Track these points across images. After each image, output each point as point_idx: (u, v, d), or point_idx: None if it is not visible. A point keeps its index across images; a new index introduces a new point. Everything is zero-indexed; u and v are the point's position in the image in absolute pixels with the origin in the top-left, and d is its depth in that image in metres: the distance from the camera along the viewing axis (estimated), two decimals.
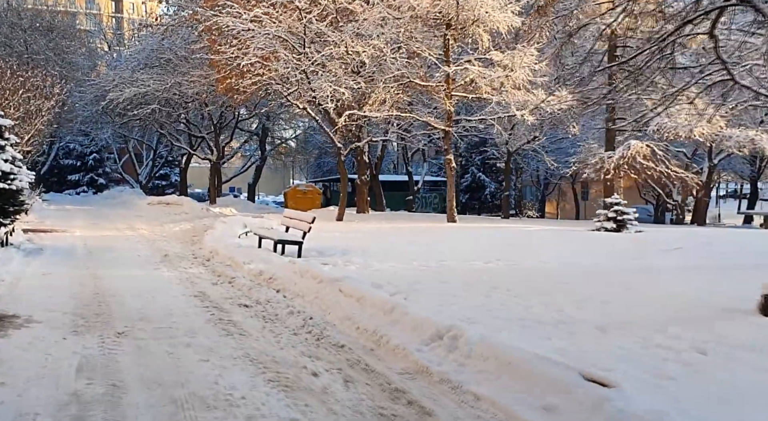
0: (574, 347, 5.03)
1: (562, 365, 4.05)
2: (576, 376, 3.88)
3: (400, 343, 5.36)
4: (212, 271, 10.41)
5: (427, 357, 4.91)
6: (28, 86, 21.10)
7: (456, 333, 4.99)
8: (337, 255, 11.36)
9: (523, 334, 5.43)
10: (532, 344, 4.94)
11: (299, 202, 32.20)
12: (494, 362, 4.33)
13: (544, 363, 4.07)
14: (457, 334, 4.98)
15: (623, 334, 5.49)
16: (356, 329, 6.19)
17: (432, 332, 5.29)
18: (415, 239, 13.62)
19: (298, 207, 31.51)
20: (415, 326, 5.63)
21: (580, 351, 4.84)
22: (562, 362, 4.15)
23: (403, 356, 5.14)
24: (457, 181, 40.48)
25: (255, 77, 18.75)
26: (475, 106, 20.50)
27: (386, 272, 9.36)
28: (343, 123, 17.27)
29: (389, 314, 6.11)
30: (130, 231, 17.33)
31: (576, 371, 3.94)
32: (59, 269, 10.14)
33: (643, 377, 4.21)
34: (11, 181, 12.23)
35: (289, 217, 12.46)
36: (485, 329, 5.37)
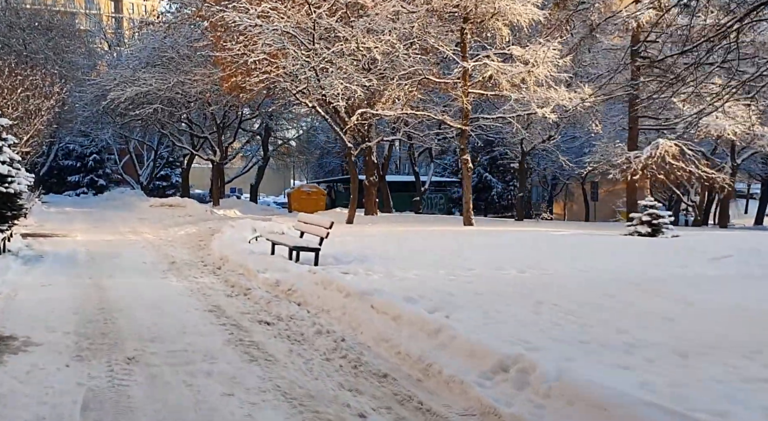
0: (660, 379, 4.33)
1: (670, 413, 3.35)
2: None
3: (454, 374, 4.66)
4: (224, 280, 9.71)
5: (492, 395, 4.21)
6: (27, 85, 20.39)
7: (525, 366, 4.29)
8: (355, 262, 10.65)
9: (596, 362, 4.73)
10: (612, 377, 4.24)
11: (303, 203, 31.47)
12: (583, 406, 3.63)
13: (650, 411, 3.37)
14: (526, 367, 4.27)
15: (709, 361, 4.79)
16: (396, 354, 5.49)
17: (493, 362, 4.59)
18: (435, 244, 12.91)
19: (302, 209, 30.77)
20: (468, 353, 4.93)
21: (671, 385, 4.14)
22: (668, 406, 3.45)
23: (460, 391, 4.44)
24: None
25: (262, 75, 18.04)
26: (490, 104, 19.79)
27: (412, 282, 8.66)
28: (355, 122, 16.55)
29: (434, 336, 5.41)
30: (134, 235, 16.63)
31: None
32: (60, 279, 9.44)
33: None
34: (9, 184, 11.54)
35: (304, 222, 11.75)
36: (551, 356, 4.68)
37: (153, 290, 8.82)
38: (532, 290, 7.79)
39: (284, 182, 78.39)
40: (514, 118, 17.30)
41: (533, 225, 19.55)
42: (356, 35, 17.30)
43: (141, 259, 11.98)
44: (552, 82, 15.95)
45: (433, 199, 41.39)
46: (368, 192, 23.28)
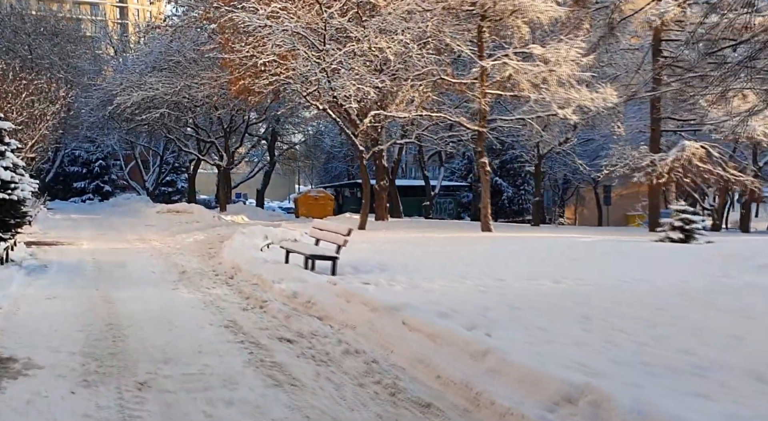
0: (748, 411, 3.77)
1: None
2: None
3: (510, 406, 4.11)
4: (238, 291, 9.18)
5: None
6: (32, 89, 19.97)
7: (596, 398, 3.73)
8: (375, 272, 10.11)
9: (668, 389, 4.17)
10: (695, 409, 3.69)
11: (311, 208, 30.97)
12: None
13: None
14: (597, 399, 3.72)
15: None
16: (437, 379, 4.94)
17: (553, 391, 4.03)
18: (455, 252, 12.36)
19: (310, 214, 30.26)
20: (522, 380, 4.38)
21: (764, 419, 3.58)
22: None
23: None
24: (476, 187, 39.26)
25: (272, 77, 17.56)
26: (503, 107, 19.23)
27: (440, 293, 8.10)
28: (367, 124, 16.03)
29: (480, 359, 4.86)
30: (141, 243, 16.13)
31: None
32: (66, 291, 8.92)
33: None
34: (12, 191, 11.07)
35: (320, 228, 11.21)
36: (617, 383, 4.13)
37: (164, 302, 8.29)
38: (573, 303, 7.23)
39: (289, 187, 77.99)
40: (534, 119, 16.74)
41: (552, 231, 18.96)
42: (368, 35, 16.82)
43: (150, 268, 11.46)
44: (574, 82, 15.40)
45: (442, 203, 40.83)
46: (379, 197, 22.76)
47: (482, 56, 16.16)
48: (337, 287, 8.09)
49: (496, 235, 15.85)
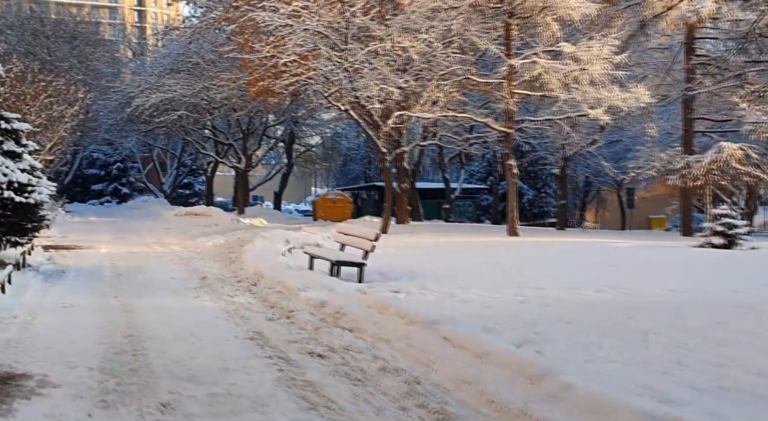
0: None
1: None
2: None
3: None
4: (262, 300, 8.76)
5: None
6: (50, 91, 19.77)
7: None
8: (404, 279, 9.65)
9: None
10: None
11: (329, 211, 30.60)
12: None
13: None
14: None
15: None
16: (490, 404, 4.46)
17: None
18: (486, 257, 11.86)
19: (328, 217, 29.89)
20: (588, 408, 3.89)
21: None
22: None
23: None
24: (496, 189, 38.62)
25: (292, 77, 17.18)
26: (532, 106, 18.70)
27: (477, 304, 7.63)
28: (391, 125, 15.59)
29: (537, 382, 4.37)
30: (160, 247, 15.80)
31: None
32: (84, 299, 8.56)
33: None
34: (29, 194, 10.74)
35: (344, 233, 10.78)
36: (699, 414, 3.63)
37: (185, 312, 7.89)
38: (625, 316, 6.71)
39: (305, 190, 77.72)
40: (563, 120, 16.19)
41: (579, 235, 18.37)
42: (391, 34, 16.38)
43: (170, 274, 11.09)
44: (607, 81, 14.84)
45: (461, 206, 40.26)
46: (400, 200, 22.29)
47: (510, 55, 15.66)
48: (367, 296, 7.65)
49: (523, 239, 15.32)
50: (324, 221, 28.91)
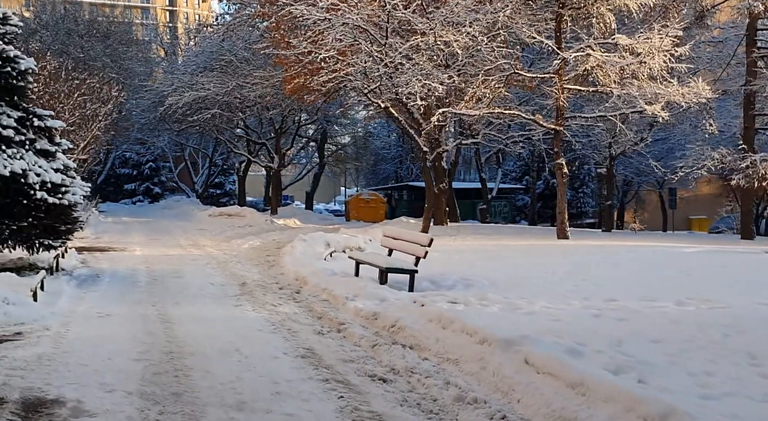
0: None
1: None
2: None
3: None
4: (308, 309, 8.13)
5: None
6: (83, 89, 19.49)
7: None
8: (458, 287, 8.95)
9: None
10: None
11: (362, 212, 29.96)
12: None
13: None
14: None
15: None
16: None
17: None
18: (541, 263, 11.09)
19: (361, 217, 29.26)
20: None
21: None
22: None
23: None
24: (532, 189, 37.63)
25: (331, 73, 16.59)
26: (582, 102, 17.78)
27: (547, 318, 6.90)
28: (435, 123, 14.88)
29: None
30: (196, 249, 15.33)
31: None
32: (119, 308, 8.03)
33: None
34: (62, 195, 10.29)
35: (393, 237, 10.10)
36: None
37: (228, 323, 7.30)
38: (721, 334, 5.93)
39: (334, 189, 77.31)
40: (617, 117, 15.29)
41: (632, 237, 17.41)
42: (434, 28, 15.67)
43: (207, 279, 10.55)
44: (667, 74, 13.93)
45: (496, 207, 39.34)
46: (438, 200, 21.55)
47: (560, 48, 14.81)
48: (426, 309, 6.97)
49: (576, 243, 14.47)
50: (357, 221, 28.34)
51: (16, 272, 10.16)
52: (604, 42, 14.56)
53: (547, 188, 41.05)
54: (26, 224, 9.91)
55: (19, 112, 10.02)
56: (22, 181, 9.73)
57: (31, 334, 6.60)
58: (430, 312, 6.74)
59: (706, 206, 43.10)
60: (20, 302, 7.47)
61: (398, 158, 52.28)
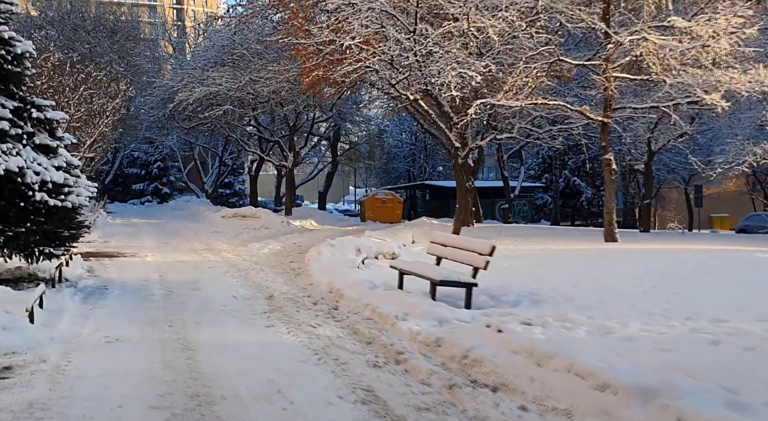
0: None
1: None
2: None
3: None
4: (352, 331, 6.88)
5: None
6: (89, 83, 18.30)
7: None
8: (525, 303, 7.67)
9: None
10: None
11: (378, 212, 28.70)
12: None
13: None
14: None
15: None
16: None
17: None
18: (609, 272, 9.79)
19: (377, 218, 28.02)
20: None
21: None
22: None
23: None
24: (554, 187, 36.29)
25: (355, 63, 15.32)
26: (630, 92, 16.42)
27: (652, 345, 5.62)
28: (473, 115, 13.59)
29: None
30: (211, 254, 14.11)
31: None
32: (131, 330, 6.79)
33: None
34: (65, 197, 9.09)
35: (442, 243, 8.80)
36: None
37: (261, 351, 6.05)
38: None
39: (344, 189, 76.09)
40: (670, 107, 13.95)
41: (681, 240, 16.04)
42: (467, 13, 14.37)
43: (229, 291, 9.31)
44: (733, 60, 12.60)
45: (516, 206, 38.05)
46: (465, 200, 20.28)
47: (609, 33, 13.49)
48: (506, 337, 5.70)
49: (630, 247, 13.14)
50: (373, 221, 27.17)
51: (14, 283, 8.99)
52: (658, 25, 13.21)
53: (568, 187, 39.75)
54: (24, 229, 8.73)
55: (15, 102, 8.83)
56: (18, 181, 8.55)
57: (24, 369, 5.38)
58: (515, 342, 5.46)
59: (729, 204, 41.72)
60: (13, 324, 6.26)
61: (411, 157, 51.09)
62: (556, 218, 35.44)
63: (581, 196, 40.43)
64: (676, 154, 31.31)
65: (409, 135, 51.84)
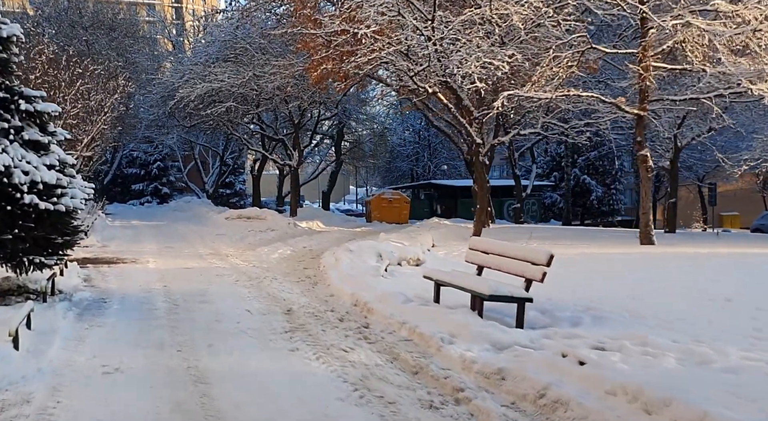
0: None
1: None
2: None
3: None
4: (392, 356, 5.87)
5: None
6: (87, 78, 17.27)
7: None
8: (586, 320, 6.66)
9: None
10: None
11: (385, 212, 27.71)
12: None
13: None
14: None
15: None
16: None
17: None
18: (664, 280, 8.79)
19: (384, 218, 27.05)
20: None
21: None
22: None
23: None
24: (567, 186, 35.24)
25: (371, 53, 14.32)
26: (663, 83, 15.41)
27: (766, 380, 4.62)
28: (499, 108, 12.58)
29: None
30: (218, 259, 13.09)
31: None
32: (133, 357, 5.77)
33: None
34: (58, 199, 8.08)
35: (483, 250, 7.75)
36: None
37: (289, 385, 5.04)
38: None
39: (343, 189, 74.97)
40: (711, 99, 12.94)
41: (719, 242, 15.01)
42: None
43: (242, 304, 8.29)
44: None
45: (524, 205, 37.06)
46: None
47: (648, 18, 12.48)
48: (591, 370, 4.69)
49: (671, 250, 12.12)
50: (380, 222, 26.23)
51: (0, 297, 8.00)
52: (701, 9, 12.21)
53: (577, 185, 38.74)
54: (11, 236, 7.71)
55: (1, 93, 7.81)
56: (5, 182, 7.55)
57: (2, 413, 4.38)
58: (608, 379, 4.45)
59: (738, 202, 40.84)
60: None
61: (414, 156, 50.15)
62: (568, 218, 34.41)
63: (591, 194, 39.48)
64: (693, 151, 30.33)
65: (413, 133, 50.90)
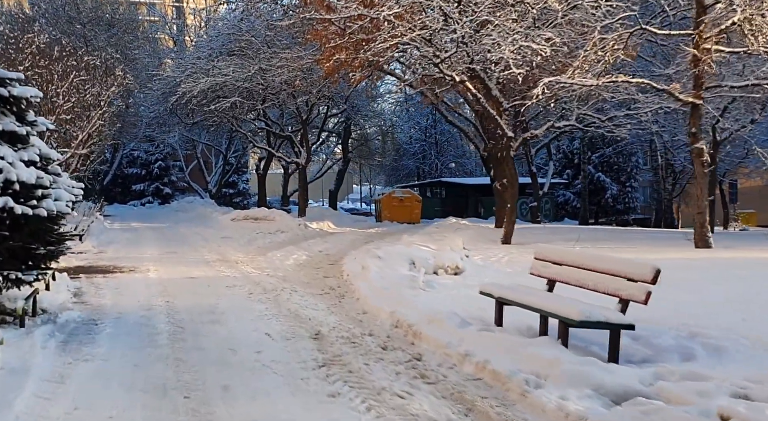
0: None
1: None
2: None
3: None
4: (466, 409, 4.50)
5: None
6: (82, 70, 15.93)
7: None
8: (701, 354, 5.33)
9: None
10: None
11: (395, 211, 26.44)
12: None
13: None
14: None
15: None
16: None
17: None
18: (755, 291, 7.44)
19: (395, 218, 25.80)
20: None
21: None
22: None
23: None
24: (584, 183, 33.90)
25: (392, 39, 13.00)
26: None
27: None
28: (539, 97, 11.25)
29: None
30: (226, 266, 11.73)
31: None
32: (126, 410, 4.40)
33: None
34: (39, 201, 6.76)
35: (555, 261, 6.37)
36: None
37: None
38: None
39: (347, 187, 73.63)
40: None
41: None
42: None
43: (259, 325, 6.94)
44: None
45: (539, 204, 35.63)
46: (502, 199, 17.90)
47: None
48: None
49: (737, 255, 10.78)
50: (390, 222, 24.99)
51: None
52: None
53: (592, 183, 37.44)
54: None
55: None
56: None
57: None
58: None
59: (753, 199, 39.63)
60: None
61: (421, 153, 49.00)
62: (584, 216, 33.08)
63: (606, 192, 38.24)
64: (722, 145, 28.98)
65: (419, 131, 49.75)
